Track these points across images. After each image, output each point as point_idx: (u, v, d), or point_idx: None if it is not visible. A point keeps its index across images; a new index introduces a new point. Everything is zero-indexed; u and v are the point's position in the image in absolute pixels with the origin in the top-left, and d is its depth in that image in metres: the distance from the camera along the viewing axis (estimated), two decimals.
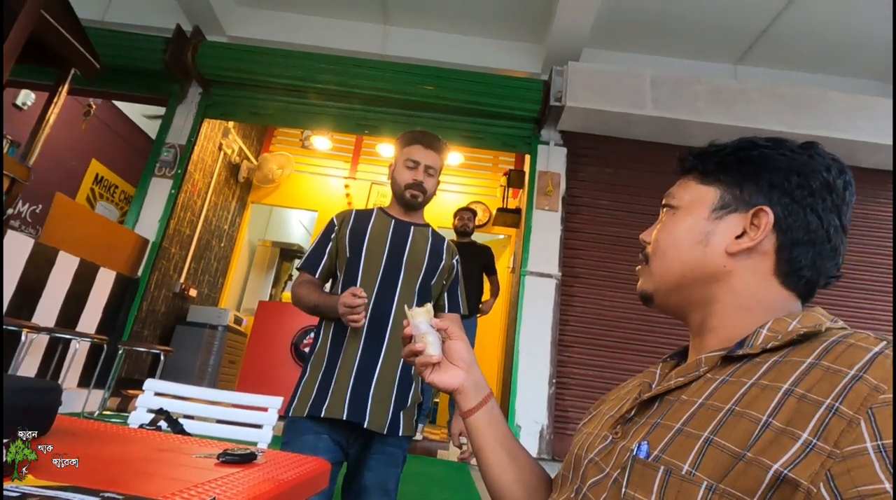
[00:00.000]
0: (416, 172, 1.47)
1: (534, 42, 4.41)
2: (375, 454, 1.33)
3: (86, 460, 0.68)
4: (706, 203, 0.56)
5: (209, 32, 4.38)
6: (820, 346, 0.43)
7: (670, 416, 0.47)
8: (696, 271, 0.55)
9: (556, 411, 3.61)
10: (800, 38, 4.09)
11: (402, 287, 1.41)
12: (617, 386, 0.69)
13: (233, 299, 5.90)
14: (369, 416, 1.28)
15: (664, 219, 0.60)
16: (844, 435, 0.35)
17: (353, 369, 1.32)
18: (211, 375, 4.46)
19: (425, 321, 0.68)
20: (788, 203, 0.52)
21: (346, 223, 1.50)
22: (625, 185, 4.13)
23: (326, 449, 1.28)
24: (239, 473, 0.68)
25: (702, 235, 0.55)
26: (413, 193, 1.46)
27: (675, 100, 3.93)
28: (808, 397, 0.39)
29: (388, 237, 1.45)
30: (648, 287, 0.59)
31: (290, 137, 6.20)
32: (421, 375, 0.68)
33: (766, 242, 0.52)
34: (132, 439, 0.89)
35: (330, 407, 1.28)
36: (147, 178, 4.19)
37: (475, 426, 0.66)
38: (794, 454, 0.36)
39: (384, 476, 1.32)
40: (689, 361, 0.55)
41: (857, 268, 3.95)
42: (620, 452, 0.49)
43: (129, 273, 3.91)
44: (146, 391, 1.47)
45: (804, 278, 0.52)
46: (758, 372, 0.44)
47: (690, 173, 0.60)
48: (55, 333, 3.03)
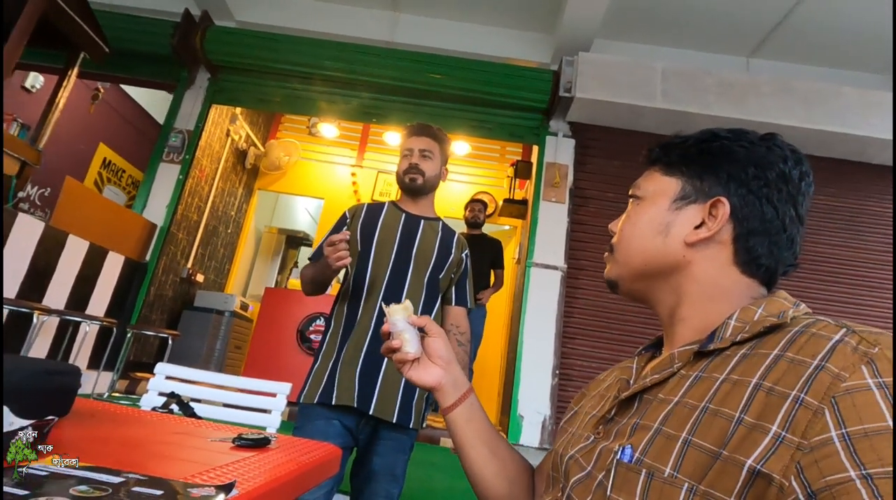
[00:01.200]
0: (410, 158, 1.52)
1: (544, 32, 4.37)
2: (384, 440, 1.36)
3: (105, 441, 0.70)
4: (668, 194, 0.57)
5: (217, 17, 4.36)
6: (784, 337, 0.44)
7: (649, 415, 0.48)
8: (657, 260, 0.56)
9: (559, 402, 3.63)
10: (814, 32, 4.02)
11: (411, 280, 1.44)
12: (594, 381, 0.70)
13: (239, 285, 5.94)
14: (376, 403, 1.31)
15: (630, 210, 0.62)
16: (811, 426, 0.36)
17: (360, 357, 1.35)
18: (217, 360, 4.51)
19: (403, 319, 0.68)
20: (745, 194, 0.53)
21: (358, 217, 1.53)
22: (633, 178, 3.95)
23: (337, 434, 1.32)
24: (255, 457, 0.70)
25: (662, 226, 0.56)
26: (411, 176, 1.50)
27: (686, 93, 3.89)
28: (776, 390, 0.39)
29: (398, 231, 1.48)
30: (613, 275, 0.61)
31: (297, 124, 6.18)
32: (399, 370, 0.69)
33: (724, 232, 0.53)
34: (147, 421, 0.91)
35: (340, 395, 1.31)
36: (155, 163, 4.21)
37: (454, 423, 0.66)
38: (765, 448, 0.37)
39: (392, 462, 1.36)
40: (663, 355, 0.56)
41: (865, 265, 3.93)
42: (603, 453, 0.50)
43: (138, 258, 3.94)
44: (157, 375, 1.49)
45: (763, 267, 0.53)
46: (728, 367, 0.45)
47: (656, 164, 0.62)
48: (65, 315, 3.07)
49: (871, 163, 4.09)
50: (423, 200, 1.54)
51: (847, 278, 3.90)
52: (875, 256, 3.95)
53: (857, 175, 4.10)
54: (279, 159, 5.77)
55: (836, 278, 3.87)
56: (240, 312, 4.80)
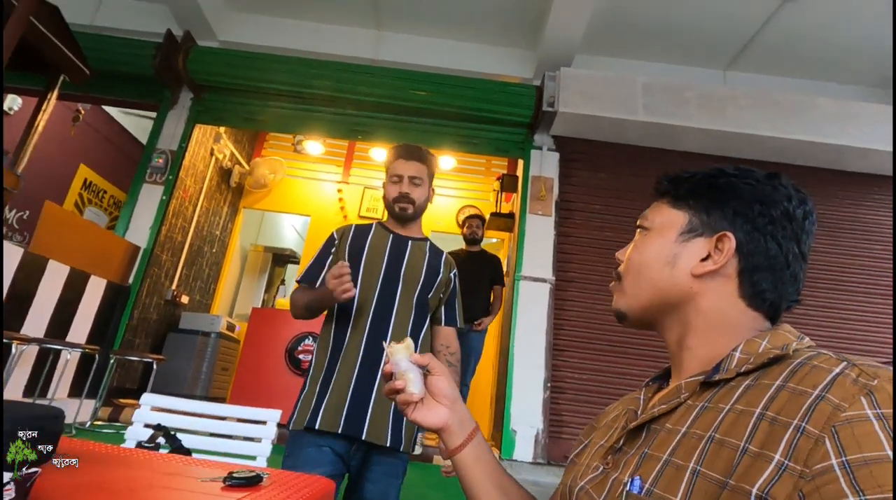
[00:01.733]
0: (400, 185, 1.51)
1: (526, 48, 4.44)
2: (376, 465, 1.34)
3: (92, 488, 0.67)
4: (675, 226, 0.59)
5: (200, 37, 4.35)
6: (787, 368, 0.45)
7: (657, 446, 0.49)
8: (664, 291, 0.57)
9: (551, 416, 3.62)
10: (788, 45, 4.15)
11: (399, 301, 1.44)
12: (603, 412, 0.69)
13: (225, 305, 5.85)
14: (368, 428, 1.30)
15: (637, 239, 0.63)
16: (812, 454, 0.37)
17: (350, 382, 1.34)
18: (204, 382, 4.42)
19: (405, 358, 0.66)
20: (750, 230, 0.55)
21: (346, 238, 1.53)
22: (617, 189, 4.16)
23: (328, 462, 1.30)
24: (247, 497, 0.68)
25: (670, 257, 0.58)
26: (401, 206, 1.50)
27: (667, 106, 3.97)
28: (779, 420, 0.41)
29: (385, 252, 1.48)
30: (622, 306, 0.62)
31: (283, 142, 6.17)
32: (403, 413, 0.66)
33: (729, 265, 0.55)
34: (134, 462, 0.88)
35: (327, 420, 1.30)
36: (138, 184, 4.15)
37: (463, 464, 0.64)
38: (769, 476, 0.38)
39: (385, 487, 1.34)
40: (671, 385, 0.57)
41: (846, 271, 4.01)
42: (613, 484, 0.50)
43: (120, 281, 3.86)
44: (143, 406, 1.45)
45: (767, 301, 0.54)
46: (733, 397, 0.46)
47: (664, 197, 0.63)
48: (45, 343, 2.98)
49: (847, 170, 4.20)
50: (411, 224, 1.55)
51: (825, 283, 3.97)
52: (851, 260, 4.03)
53: (834, 183, 4.21)
54: (264, 177, 5.73)
55: (814, 284, 3.94)
56: (226, 333, 4.72)
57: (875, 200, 4.20)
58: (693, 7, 3.89)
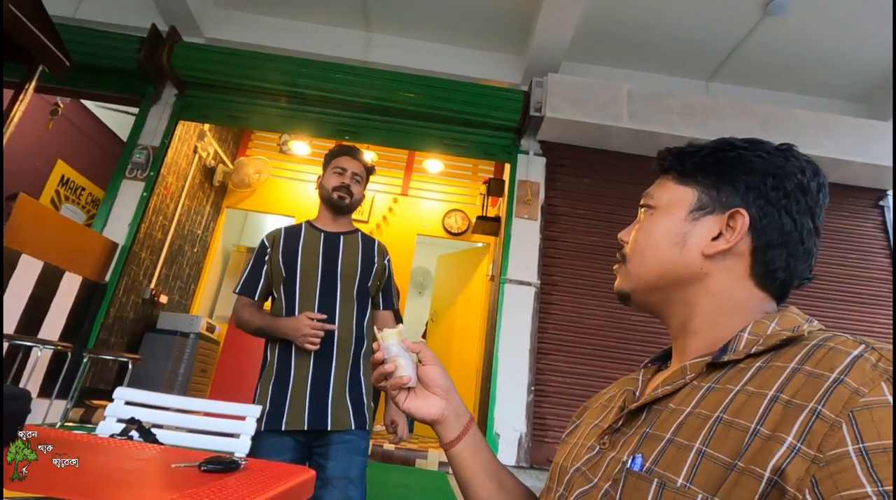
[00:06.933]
0: (343, 177, 1.59)
1: (514, 53, 4.48)
2: (335, 444, 1.41)
3: (59, 470, 0.64)
4: (684, 204, 0.56)
5: (186, 33, 4.29)
6: (802, 350, 0.43)
7: (659, 425, 0.47)
8: (673, 272, 0.55)
9: (535, 419, 3.61)
10: (767, 59, 4.26)
11: (340, 297, 1.51)
12: (596, 394, 0.68)
13: (205, 306, 5.73)
14: (332, 420, 1.39)
15: (642, 219, 0.60)
16: (827, 439, 0.36)
17: (307, 381, 1.43)
18: (181, 384, 4.31)
19: (397, 343, 0.64)
20: (763, 205, 0.52)
21: (278, 244, 1.57)
22: (602, 195, 4.20)
23: (289, 448, 1.39)
24: (225, 480, 0.65)
25: (679, 237, 0.55)
26: (340, 195, 1.57)
27: (651, 113, 4.03)
28: (793, 403, 0.39)
29: (319, 252, 1.54)
30: (626, 287, 0.59)
31: (268, 141, 6.10)
32: (394, 400, 0.63)
33: (742, 243, 0.52)
34: (104, 448, 0.85)
35: (290, 420, 1.39)
36: (118, 180, 4.05)
37: (460, 457, 0.62)
38: (781, 458, 0.37)
39: (346, 465, 1.39)
40: (673, 367, 0.55)
41: (820, 279, 4.10)
42: (610, 463, 0.49)
43: (97, 278, 3.76)
44: (116, 400, 1.40)
45: (778, 280, 0.53)
46: (743, 379, 0.44)
47: (668, 173, 0.60)
48: (15, 340, 2.88)
49: None
50: (342, 218, 1.61)
51: (798, 292, 4.05)
52: (826, 268, 4.12)
53: None
54: (249, 177, 5.66)
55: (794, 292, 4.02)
56: (206, 334, 4.62)
57: (850, 210, 4.31)
58: (677, 19, 3.98)
